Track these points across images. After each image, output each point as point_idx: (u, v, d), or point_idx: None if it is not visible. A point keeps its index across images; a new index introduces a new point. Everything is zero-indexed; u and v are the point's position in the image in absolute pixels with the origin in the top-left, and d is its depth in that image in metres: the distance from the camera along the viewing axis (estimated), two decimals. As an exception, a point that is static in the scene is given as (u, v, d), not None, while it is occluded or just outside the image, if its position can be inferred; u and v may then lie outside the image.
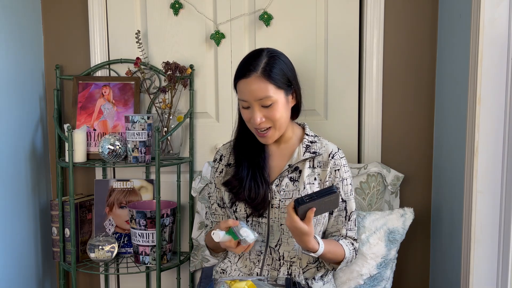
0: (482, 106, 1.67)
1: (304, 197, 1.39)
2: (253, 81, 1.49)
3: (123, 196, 2.15)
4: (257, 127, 1.53)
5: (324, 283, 1.62)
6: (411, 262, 2.18)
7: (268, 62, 1.50)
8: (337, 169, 1.61)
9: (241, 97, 1.53)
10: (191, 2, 2.13)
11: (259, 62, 1.50)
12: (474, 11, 1.68)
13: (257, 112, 1.51)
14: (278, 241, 1.58)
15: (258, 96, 1.49)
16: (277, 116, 1.52)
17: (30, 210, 2.10)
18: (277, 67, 1.51)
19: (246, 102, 1.52)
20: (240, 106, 1.56)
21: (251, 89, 1.49)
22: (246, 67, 1.51)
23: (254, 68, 1.49)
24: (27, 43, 2.08)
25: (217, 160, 1.70)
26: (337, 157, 1.62)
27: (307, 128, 1.67)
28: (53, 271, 2.30)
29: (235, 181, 1.58)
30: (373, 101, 2.11)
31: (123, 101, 2.13)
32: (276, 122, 1.53)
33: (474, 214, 1.71)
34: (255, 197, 1.55)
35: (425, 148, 2.13)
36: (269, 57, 1.52)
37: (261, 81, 1.49)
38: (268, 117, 1.51)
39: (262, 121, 1.51)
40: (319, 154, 1.61)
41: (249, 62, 1.52)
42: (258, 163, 1.59)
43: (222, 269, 1.64)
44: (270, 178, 1.60)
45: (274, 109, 1.51)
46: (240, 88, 1.52)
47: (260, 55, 1.52)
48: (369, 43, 2.09)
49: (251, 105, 1.51)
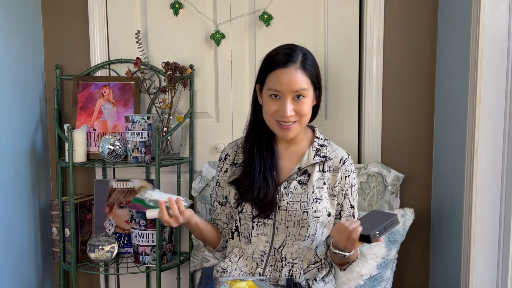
0: (482, 106, 1.67)
1: (376, 232, 1.35)
2: (292, 71, 1.48)
3: (123, 196, 2.15)
4: (284, 119, 1.51)
5: (325, 284, 1.62)
6: (411, 262, 2.18)
7: (304, 57, 1.51)
8: (348, 175, 1.61)
9: (275, 87, 1.50)
10: (191, 2, 2.13)
11: (297, 55, 1.50)
12: (474, 11, 1.68)
13: (289, 104, 1.49)
14: (283, 243, 1.57)
15: (295, 87, 1.48)
16: (305, 111, 1.51)
17: (30, 210, 2.10)
18: (312, 63, 1.53)
19: (279, 92, 1.50)
20: (267, 98, 1.53)
21: (289, 79, 1.48)
22: (283, 58, 1.50)
23: (293, 59, 1.49)
24: (27, 43, 2.08)
25: (222, 159, 1.68)
26: (347, 163, 1.62)
27: (317, 131, 1.66)
28: (53, 271, 2.30)
29: (246, 180, 1.57)
30: (373, 101, 2.11)
31: (123, 101, 2.13)
32: (303, 117, 1.52)
33: (474, 214, 1.71)
34: (263, 197, 1.54)
35: (425, 148, 2.13)
36: (303, 53, 1.52)
37: (299, 72, 1.49)
38: (297, 111, 1.50)
39: (291, 114, 1.50)
40: (329, 158, 1.60)
41: (285, 53, 1.51)
42: (271, 163, 1.58)
43: (223, 268, 1.63)
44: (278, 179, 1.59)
45: (304, 103, 1.51)
46: (275, 77, 1.50)
47: (295, 49, 1.53)
48: (369, 43, 2.09)
49: (283, 96, 1.49)
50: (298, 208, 1.54)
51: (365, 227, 1.36)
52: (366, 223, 1.38)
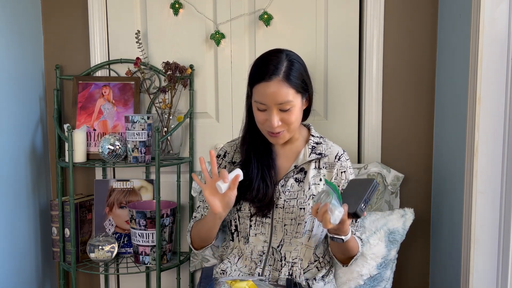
0: (482, 106, 1.67)
1: (361, 206, 1.36)
2: (275, 85, 1.46)
3: (123, 196, 2.15)
4: (272, 130, 1.51)
5: (325, 284, 1.62)
6: (411, 262, 2.18)
7: (289, 66, 1.48)
8: (343, 171, 1.62)
9: (260, 100, 1.49)
10: (191, 2, 2.13)
11: (280, 66, 1.47)
12: (474, 11, 1.68)
13: (275, 115, 1.49)
14: (281, 242, 1.58)
15: (278, 101, 1.47)
16: (293, 120, 1.51)
17: (30, 210, 2.10)
18: (297, 72, 1.49)
19: (264, 105, 1.49)
20: (255, 108, 1.53)
21: (272, 92, 1.46)
22: (266, 70, 1.47)
23: (276, 72, 1.46)
24: (27, 43, 2.08)
25: (221, 156, 1.69)
26: (343, 159, 1.63)
27: (312, 129, 1.67)
28: (53, 271, 2.30)
29: (244, 181, 1.56)
30: (373, 101, 2.11)
31: (123, 101, 2.13)
32: (290, 125, 1.52)
33: (474, 214, 1.71)
34: (262, 197, 1.54)
35: (425, 148, 2.13)
36: (289, 60, 1.49)
37: (282, 85, 1.46)
38: (284, 121, 1.50)
39: (278, 125, 1.50)
40: (325, 155, 1.61)
41: (269, 64, 1.48)
42: (268, 163, 1.58)
43: (222, 270, 1.63)
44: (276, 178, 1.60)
45: (291, 113, 1.50)
46: (260, 90, 1.49)
47: (280, 58, 1.49)
48: (369, 43, 2.09)
49: (269, 108, 1.49)
50: (295, 205, 1.55)
51: (350, 204, 1.37)
52: (349, 199, 1.38)
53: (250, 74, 1.54)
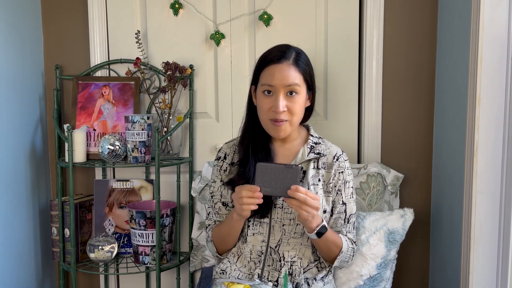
0: (482, 106, 1.67)
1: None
2: (285, 67, 1.52)
3: (123, 196, 2.15)
4: (276, 117, 1.53)
5: (324, 284, 1.62)
6: (411, 262, 2.18)
7: (298, 55, 1.55)
8: (341, 171, 1.62)
9: (268, 82, 1.53)
10: (191, 2, 2.13)
11: (290, 53, 1.54)
12: (474, 11, 1.68)
13: (282, 99, 1.52)
14: (279, 242, 1.58)
15: (287, 82, 1.51)
16: (297, 109, 1.54)
17: (30, 210, 2.10)
18: (305, 62, 1.56)
19: (272, 87, 1.52)
20: (260, 94, 1.56)
21: (282, 74, 1.51)
22: (277, 54, 1.54)
23: (286, 56, 1.53)
24: (27, 43, 2.08)
25: (221, 158, 1.69)
26: (341, 159, 1.63)
27: (311, 129, 1.68)
28: (53, 271, 2.29)
29: (241, 180, 1.57)
30: (373, 101, 2.11)
31: (123, 101, 2.13)
32: (294, 116, 1.54)
33: (474, 214, 1.70)
34: None
35: (425, 148, 2.13)
36: (297, 51, 1.57)
37: (292, 68, 1.53)
38: (289, 108, 1.53)
39: (284, 110, 1.52)
40: (324, 155, 1.62)
41: (278, 51, 1.55)
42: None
43: (222, 269, 1.63)
44: None
45: (296, 100, 1.53)
46: (269, 72, 1.53)
47: (289, 47, 1.57)
48: (369, 43, 2.09)
49: (276, 91, 1.52)
50: None
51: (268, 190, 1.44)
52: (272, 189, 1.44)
53: (257, 64, 1.59)
